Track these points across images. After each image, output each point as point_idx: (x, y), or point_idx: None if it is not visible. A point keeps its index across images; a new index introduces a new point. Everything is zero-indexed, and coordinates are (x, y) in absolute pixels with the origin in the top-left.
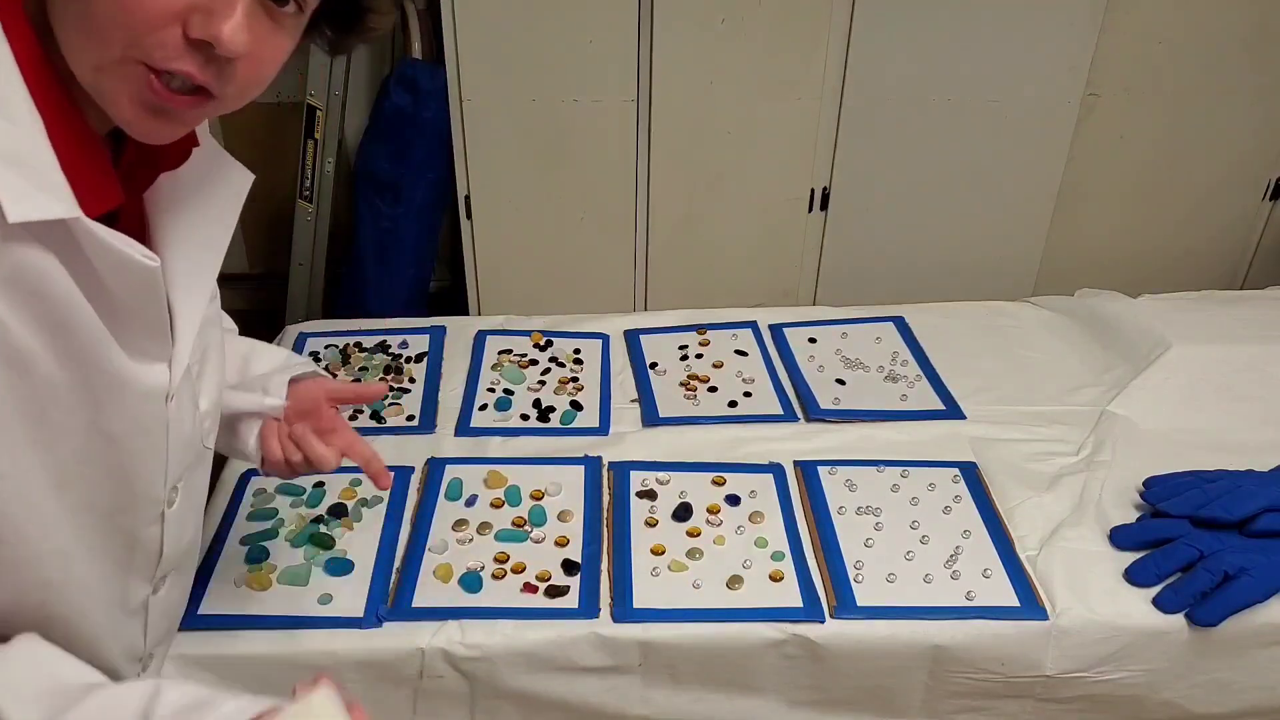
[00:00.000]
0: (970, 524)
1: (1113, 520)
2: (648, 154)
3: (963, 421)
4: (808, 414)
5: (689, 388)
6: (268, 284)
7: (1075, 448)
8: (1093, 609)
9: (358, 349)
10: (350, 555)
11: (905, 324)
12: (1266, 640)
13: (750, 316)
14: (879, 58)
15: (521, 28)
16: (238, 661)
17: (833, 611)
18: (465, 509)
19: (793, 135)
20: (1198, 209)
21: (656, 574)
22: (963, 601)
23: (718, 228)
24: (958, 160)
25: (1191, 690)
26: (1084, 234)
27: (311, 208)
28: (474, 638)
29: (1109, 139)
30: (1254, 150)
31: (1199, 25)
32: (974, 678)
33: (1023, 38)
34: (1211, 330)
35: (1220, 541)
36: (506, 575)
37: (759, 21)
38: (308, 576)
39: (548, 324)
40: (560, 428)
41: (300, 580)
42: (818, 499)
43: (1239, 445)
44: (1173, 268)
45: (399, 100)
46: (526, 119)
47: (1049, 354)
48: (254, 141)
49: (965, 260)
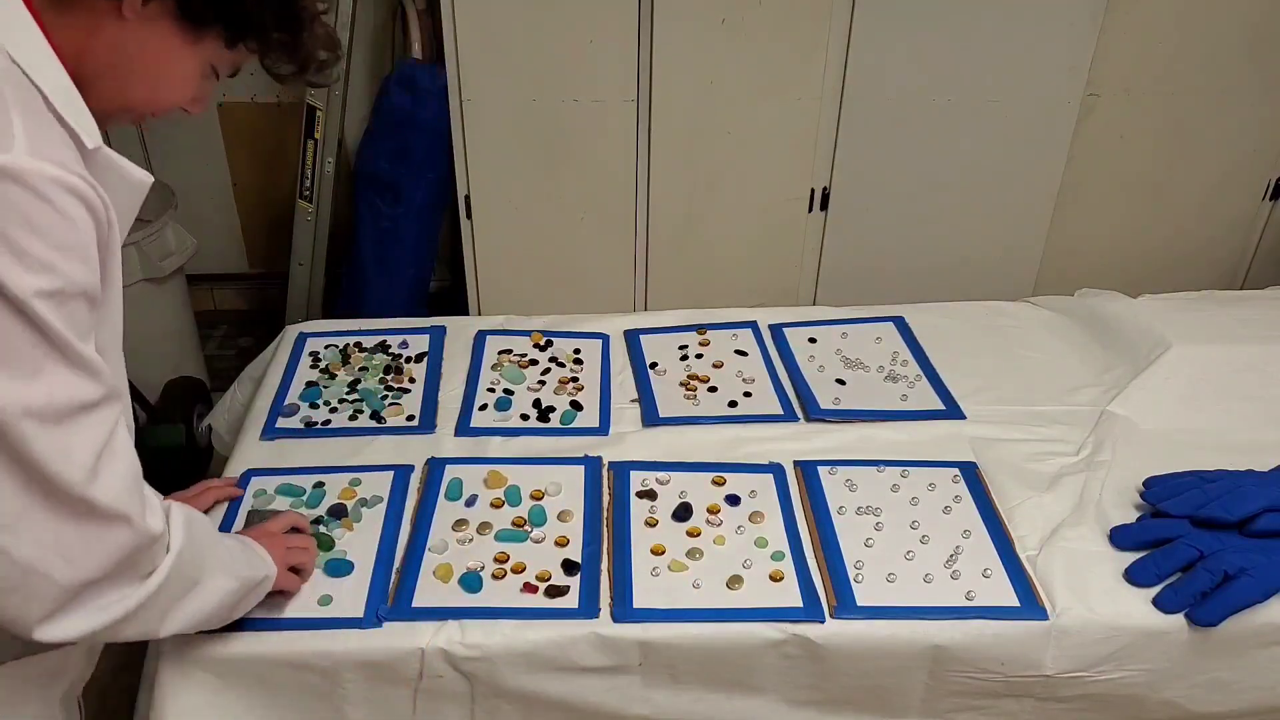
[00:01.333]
0: (970, 524)
1: (1113, 520)
2: (648, 154)
3: (963, 421)
4: (808, 414)
5: (689, 388)
6: (268, 284)
7: (1075, 448)
8: (1093, 609)
9: (358, 349)
10: (350, 556)
11: (905, 324)
12: (1266, 640)
13: (750, 316)
14: (879, 58)
15: (521, 28)
16: (238, 661)
17: (833, 611)
18: (465, 509)
19: (793, 135)
20: (1198, 209)
21: (656, 574)
22: (963, 601)
23: (718, 228)
24: (958, 160)
25: (1191, 690)
26: (1084, 234)
27: (311, 208)
28: (474, 638)
29: (1109, 139)
30: (1254, 150)
31: (1199, 25)
32: (974, 677)
33: (1023, 38)
34: (1211, 330)
35: (1220, 541)
36: (506, 575)
37: (759, 21)
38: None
39: (548, 324)
40: (560, 428)
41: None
42: (818, 499)
43: (1239, 445)
44: (1173, 268)
45: (399, 100)
46: (526, 119)
47: (1049, 354)
48: (254, 141)
49: (965, 260)
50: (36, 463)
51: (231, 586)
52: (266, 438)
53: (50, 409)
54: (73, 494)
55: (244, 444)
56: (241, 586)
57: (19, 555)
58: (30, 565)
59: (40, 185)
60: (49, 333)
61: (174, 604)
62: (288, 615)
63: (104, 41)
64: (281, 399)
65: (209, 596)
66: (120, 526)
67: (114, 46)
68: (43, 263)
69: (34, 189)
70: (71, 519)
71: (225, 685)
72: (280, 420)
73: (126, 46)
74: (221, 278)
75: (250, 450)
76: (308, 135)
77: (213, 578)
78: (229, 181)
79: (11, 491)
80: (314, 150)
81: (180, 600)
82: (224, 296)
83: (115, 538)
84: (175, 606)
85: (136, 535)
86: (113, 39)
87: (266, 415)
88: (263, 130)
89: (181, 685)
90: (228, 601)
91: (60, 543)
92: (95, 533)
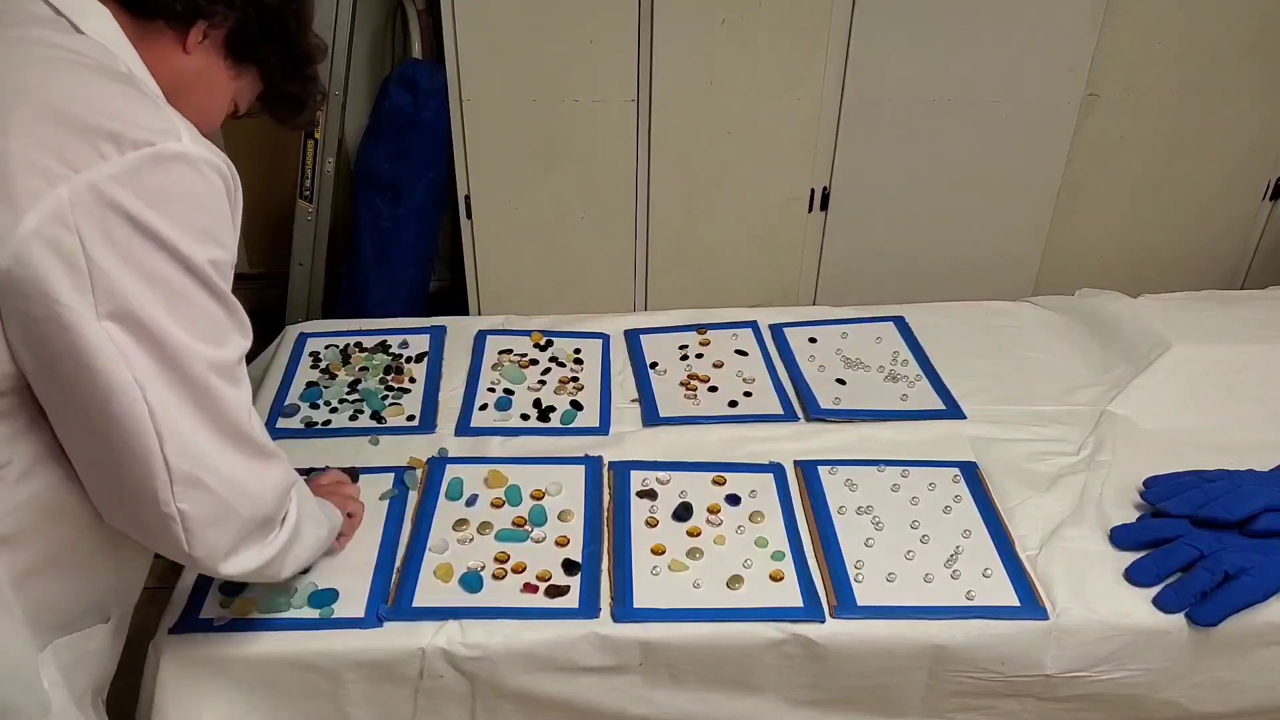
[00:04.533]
0: (970, 524)
1: (1113, 520)
2: (648, 154)
3: (963, 421)
4: (808, 414)
5: (689, 387)
6: (268, 284)
7: (1075, 447)
8: (1093, 609)
9: (358, 349)
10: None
11: (905, 324)
12: (1266, 640)
13: (750, 316)
14: (879, 58)
15: (521, 28)
16: (238, 662)
17: (833, 611)
18: (466, 509)
19: (793, 135)
20: (1198, 209)
21: (657, 574)
22: (963, 601)
23: (718, 228)
24: (958, 160)
25: (1191, 690)
26: (1084, 234)
27: (311, 208)
28: (474, 637)
29: (1109, 139)
30: (1254, 150)
31: (1199, 25)
32: (974, 677)
33: (1023, 38)
34: (1211, 330)
35: (1220, 541)
36: (507, 575)
37: (759, 21)
38: (287, 604)
39: (548, 324)
40: (560, 428)
41: (279, 608)
42: (818, 499)
43: (1239, 445)
44: (1173, 268)
45: (399, 100)
46: (526, 119)
47: (1049, 354)
48: (254, 141)
49: (965, 260)
50: (220, 408)
51: (322, 534)
52: None
53: (225, 363)
54: (244, 434)
55: None
56: (329, 534)
57: (221, 492)
58: (226, 501)
59: (204, 169)
60: (223, 298)
61: (291, 548)
62: (289, 615)
63: (169, 70)
64: (282, 399)
65: (310, 542)
66: (277, 464)
67: (175, 75)
68: (212, 236)
69: (201, 172)
70: (244, 457)
71: (226, 685)
72: (281, 420)
73: (184, 75)
74: None
75: None
76: (308, 135)
77: (309, 526)
78: None
79: (206, 434)
80: (314, 150)
81: (293, 546)
82: None
83: (274, 474)
84: (291, 551)
85: (288, 474)
86: (176, 68)
87: (267, 415)
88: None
89: (182, 685)
90: (319, 547)
91: (240, 479)
92: (262, 470)
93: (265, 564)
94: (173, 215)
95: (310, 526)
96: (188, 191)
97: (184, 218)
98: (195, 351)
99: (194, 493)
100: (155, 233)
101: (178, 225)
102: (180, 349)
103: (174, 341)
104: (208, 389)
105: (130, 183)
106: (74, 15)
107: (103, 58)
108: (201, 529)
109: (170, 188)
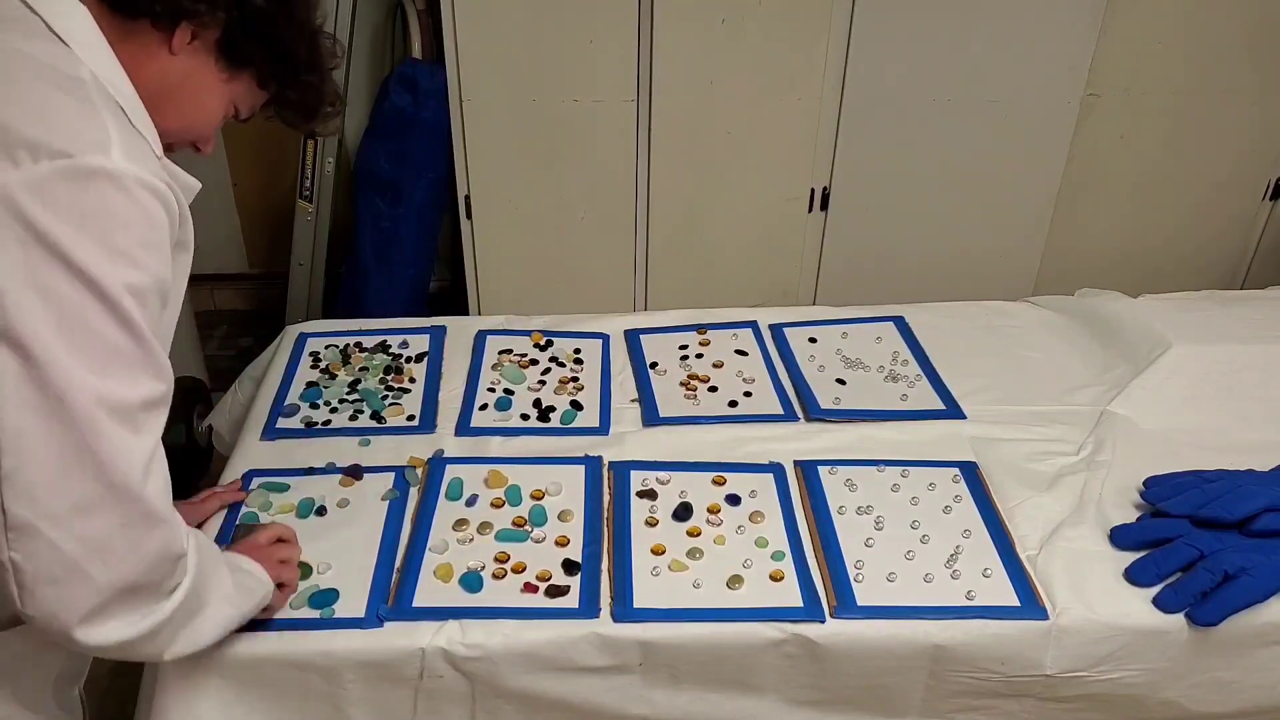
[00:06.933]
0: (970, 524)
1: (1113, 520)
2: (648, 154)
3: (963, 421)
4: (808, 414)
5: (689, 387)
6: (268, 284)
7: (1075, 447)
8: (1093, 609)
9: (358, 349)
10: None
11: (905, 324)
12: (1266, 640)
13: (750, 316)
14: (879, 58)
15: (521, 28)
16: (239, 662)
17: (833, 611)
18: (466, 509)
19: (793, 135)
20: (1198, 209)
21: (657, 574)
22: (963, 601)
23: (718, 228)
24: (958, 160)
25: (1191, 690)
26: (1084, 234)
27: (311, 208)
28: (474, 637)
29: (1109, 139)
30: (1254, 150)
31: (1199, 25)
32: (974, 677)
33: (1023, 38)
34: (1211, 330)
35: (1220, 541)
36: (507, 575)
37: (759, 21)
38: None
39: (548, 324)
40: (560, 428)
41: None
42: (818, 499)
43: (1239, 445)
44: (1173, 268)
45: (399, 100)
46: (526, 119)
47: (1049, 354)
48: (254, 141)
49: (965, 260)
50: (103, 455)
51: (231, 615)
52: (267, 438)
53: (123, 404)
54: (127, 490)
55: (244, 444)
56: (245, 614)
57: (66, 549)
58: (74, 561)
59: (132, 187)
60: (135, 329)
61: (183, 625)
62: (288, 615)
63: (152, 71)
64: (282, 399)
65: (212, 623)
66: (161, 530)
67: (160, 76)
68: (130, 258)
69: (127, 190)
70: (121, 516)
71: (226, 685)
72: (281, 420)
73: (169, 77)
74: (222, 278)
75: (251, 450)
76: (307, 135)
77: (216, 605)
78: (229, 181)
79: (77, 480)
80: (314, 150)
81: (188, 623)
82: (224, 296)
83: (154, 542)
84: (184, 628)
85: (171, 543)
86: (160, 69)
87: (267, 415)
88: (263, 130)
89: (182, 685)
90: (226, 628)
91: (105, 541)
92: (139, 534)
93: (140, 637)
94: (85, 231)
95: (219, 604)
96: (105, 209)
97: (98, 236)
98: (82, 382)
99: (30, 544)
100: (59, 248)
101: (89, 243)
102: (62, 375)
103: (56, 365)
104: (92, 429)
105: (41, 193)
106: (46, 13)
107: (60, 63)
108: (38, 586)
109: (86, 203)
